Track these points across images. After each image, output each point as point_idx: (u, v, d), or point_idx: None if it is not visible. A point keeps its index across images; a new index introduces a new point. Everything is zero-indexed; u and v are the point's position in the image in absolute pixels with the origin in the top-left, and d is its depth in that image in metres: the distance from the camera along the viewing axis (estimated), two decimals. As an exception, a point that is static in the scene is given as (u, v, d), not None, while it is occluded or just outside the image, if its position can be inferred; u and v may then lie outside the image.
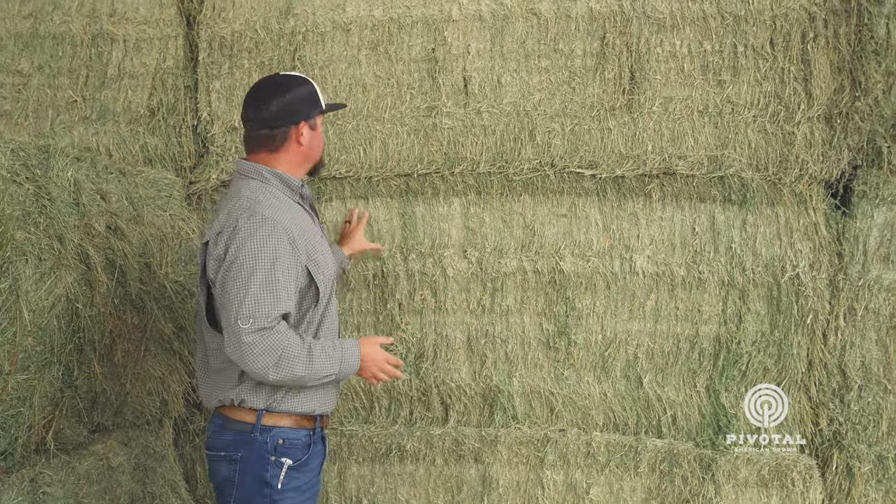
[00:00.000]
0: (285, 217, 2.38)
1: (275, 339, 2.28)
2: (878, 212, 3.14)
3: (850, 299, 3.15)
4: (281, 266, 2.31)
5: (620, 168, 3.26)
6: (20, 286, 2.47)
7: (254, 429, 2.38)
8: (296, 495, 2.40)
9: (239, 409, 2.42)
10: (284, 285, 2.31)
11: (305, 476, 2.43)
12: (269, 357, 2.28)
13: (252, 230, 2.31)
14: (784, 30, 3.16)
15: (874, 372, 3.15)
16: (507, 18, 3.31)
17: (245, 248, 2.30)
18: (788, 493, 3.11)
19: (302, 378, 2.34)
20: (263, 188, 2.44)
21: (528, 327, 3.32)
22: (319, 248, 2.46)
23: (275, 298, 2.29)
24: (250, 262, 2.29)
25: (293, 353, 2.30)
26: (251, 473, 2.38)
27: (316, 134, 2.51)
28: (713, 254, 3.22)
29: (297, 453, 2.40)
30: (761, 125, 3.20)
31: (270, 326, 2.28)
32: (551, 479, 3.23)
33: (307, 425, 2.44)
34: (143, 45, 3.52)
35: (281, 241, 2.32)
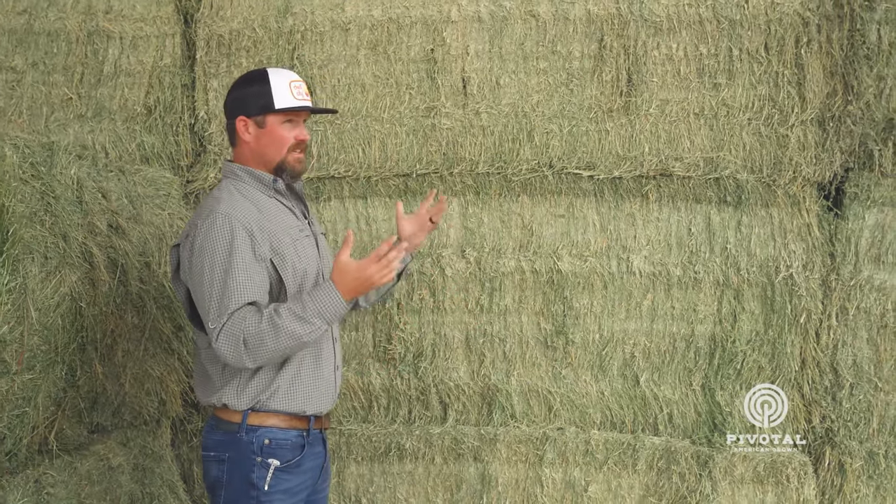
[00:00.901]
0: (245, 210, 2.34)
1: (231, 329, 2.24)
2: (870, 213, 3.20)
3: (842, 299, 3.20)
4: (237, 259, 2.28)
5: (618, 169, 3.29)
6: (27, 285, 2.45)
7: (239, 429, 2.34)
8: (285, 497, 2.33)
9: (228, 409, 2.38)
10: (244, 277, 2.27)
11: (298, 478, 2.37)
12: (237, 347, 2.24)
13: (207, 230, 2.30)
14: (778, 34, 3.21)
15: (865, 370, 3.21)
16: (505, 20, 3.33)
17: (203, 250, 2.29)
18: (783, 490, 3.16)
19: (280, 349, 2.25)
20: (234, 185, 2.43)
21: (525, 327, 3.34)
22: (291, 243, 2.38)
23: (231, 292, 2.26)
24: (208, 263, 2.28)
25: (254, 333, 2.23)
26: (238, 474, 2.33)
27: (265, 133, 2.41)
28: (709, 254, 3.26)
29: (286, 454, 2.34)
30: (756, 128, 3.25)
31: (227, 320, 2.25)
32: (550, 477, 3.26)
33: (298, 425, 2.37)
34: (139, 43, 3.49)
35: (235, 234, 2.29)
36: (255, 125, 2.43)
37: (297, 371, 2.39)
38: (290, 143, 2.42)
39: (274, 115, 2.41)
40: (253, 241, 2.31)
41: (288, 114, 2.42)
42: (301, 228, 2.46)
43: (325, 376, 2.44)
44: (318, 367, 2.42)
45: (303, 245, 2.43)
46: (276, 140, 2.42)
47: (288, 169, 2.45)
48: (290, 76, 2.47)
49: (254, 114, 2.42)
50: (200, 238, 2.31)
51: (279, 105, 2.40)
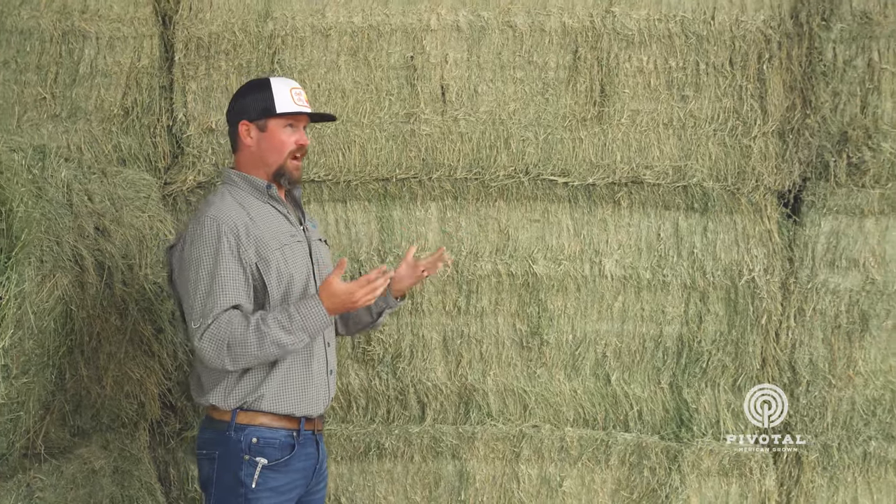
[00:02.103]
0: (234, 214, 2.37)
1: (218, 331, 2.27)
2: (825, 220, 3.36)
3: (799, 301, 3.36)
4: (223, 261, 2.31)
5: (591, 176, 3.38)
6: (25, 289, 2.40)
7: (228, 427, 2.36)
8: (273, 495, 2.35)
9: (218, 408, 2.40)
10: (229, 280, 2.30)
11: (286, 477, 2.38)
12: (220, 350, 2.27)
13: (196, 233, 2.34)
14: (742, 50, 3.35)
15: (820, 368, 3.37)
16: (483, 30, 3.39)
17: (191, 253, 2.33)
18: (746, 481, 3.30)
19: (263, 356, 2.30)
20: (229, 190, 2.46)
21: (502, 328, 3.41)
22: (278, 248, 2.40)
23: (217, 295, 2.29)
24: (195, 265, 2.32)
25: (240, 338, 2.27)
26: (227, 472, 2.35)
27: (266, 136, 2.45)
28: (676, 258, 3.38)
29: (275, 453, 2.36)
30: (721, 138, 3.38)
31: (213, 322, 2.28)
32: (526, 474, 3.33)
33: (288, 426, 2.39)
34: (116, 44, 3.43)
35: (221, 236, 2.32)
36: (256, 129, 2.46)
37: (287, 373, 2.40)
38: (290, 148, 2.46)
39: (275, 120, 2.44)
40: (239, 244, 2.33)
41: (288, 119, 2.45)
42: (293, 234, 2.47)
43: (316, 380, 2.45)
44: (309, 371, 2.43)
45: (292, 251, 2.44)
46: (277, 144, 2.45)
47: (287, 174, 2.47)
48: (292, 83, 2.51)
49: (255, 118, 2.45)
50: (189, 241, 2.35)
51: (280, 109, 2.43)
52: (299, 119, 2.48)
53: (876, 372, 3.36)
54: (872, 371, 3.36)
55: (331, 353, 2.53)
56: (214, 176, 3.41)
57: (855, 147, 3.33)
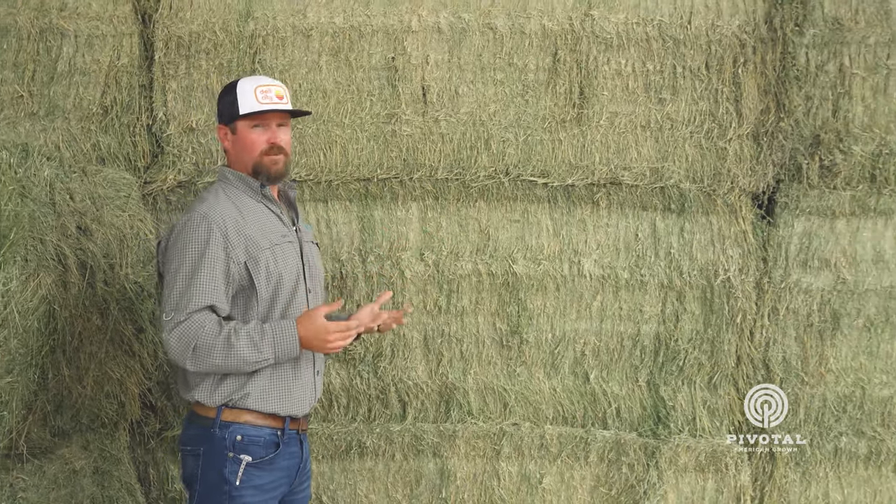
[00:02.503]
0: (225, 212, 2.37)
1: (187, 330, 2.27)
2: (798, 221, 3.42)
3: (773, 300, 3.42)
4: (207, 260, 2.31)
5: (570, 177, 3.41)
6: (10, 288, 2.38)
7: (213, 424, 2.35)
8: (256, 493, 2.35)
9: (204, 405, 2.39)
10: (209, 279, 2.30)
11: (271, 475, 2.38)
12: (185, 349, 2.27)
13: (182, 227, 2.35)
14: (718, 54, 3.40)
15: (793, 366, 3.43)
16: (464, 32, 3.40)
17: (176, 246, 2.35)
18: (722, 476, 3.35)
19: (225, 367, 2.30)
20: (223, 188, 2.47)
21: (482, 327, 3.42)
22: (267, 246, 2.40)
23: (195, 292, 2.29)
24: (178, 258, 2.33)
25: (208, 343, 2.27)
26: (211, 469, 2.34)
27: (238, 138, 2.47)
28: (654, 258, 3.42)
29: (259, 451, 2.36)
30: (697, 141, 3.43)
31: (186, 319, 2.28)
32: (506, 471, 3.35)
33: (273, 424, 2.39)
34: (95, 42, 3.39)
35: (210, 234, 2.32)
36: (230, 132, 2.49)
37: (274, 372, 2.39)
38: (261, 147, 2.45)
39: (242, 121, 2.45)
40: (227, 243, 2.33)
41: (255, 119, 2.45)
42: (284, 234, 2.47)
43: (303, 380, 2.45)
44: (296, 371, 2.43)
45: (282, 250, 2.44)
46: (247, 145, 2.46)
47: (263, 172, 2.47)
48: (260, 81, 2.49)
49: (226, 122, 2.48)
50: (175, 235, 2.36)
51: (243, 111, 2.44)
52: (267, 117, 2.47)
53: (846, 369, 3.43)
54: (843, 368, 3.43)
55: (319, 353, 2.52)
56: (195, 175, 3.39)
57: (827, 150, 3.40)
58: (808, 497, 3.42)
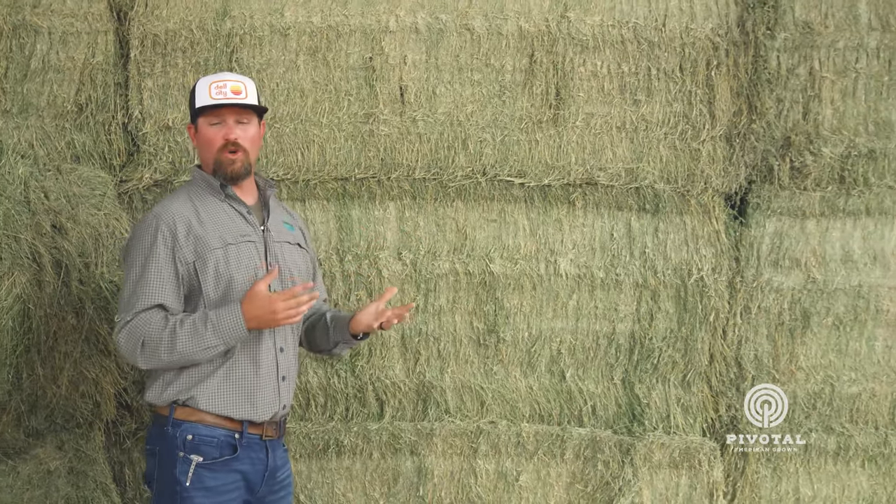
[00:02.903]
0: (179, 212, 2.35)
1: (135, 328, 2.26)
2: (770, 222, 3.45)
3: (745, 299, 3.44)
4: (154, 258, 2.29)
5: (547, 177, 3.41)
6: (-15, 287, 2.33)
7: (167, 422, 2.32)
8: (207, 495, 2.28)
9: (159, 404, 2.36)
10: (156, 278, 2.29)
11: (225, 477, 2.31)
12: (134, 346, 2.25)
13: (136, 227, 2.36)
14: (691, 56, 3.41)
15: (765, 364, 3.45)
16: (442, 32, 3.39)
17: (128, 246, 2.36)
18: (696, 473, 3.37)
19: (172, 361, 2.27)
20: (187, 187, 2.48)
21: (459, 326, 3.41)
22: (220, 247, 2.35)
23: (142, 291, 2.28)
24: (129, 259, 2.33)
25: (154, 339, 2.24)
26: (165, 468, 2.30)
27: (200, 136, 2.45)
28: (629, 258, 3.43)
29: (211, 451, 2.30)
30: (671, 142, 3.44)
31: (133, 318, 2.27)
32: (483, 469, 3.34)
33: (230, 426, 2.33)
34: (69, 39, 3.33)
35: (158, 234, 2.30)
36: (196, 131, 2.47)
37: (228, 375, 2.34)
38: (218, 144, 2.41)
39: (202, 118, 2.43)
40: (175, 243, 2.31)
41: (210, 115, 2.42)
42: (244, 234, 2.41)
43: (263, 385, 2.37)
44: (256, 375, 2.36)
45: (237, 251, 2.38)
46: (206, 142, 2.44)
47: (221, 170, 2.42)
48: (216, 78, 2.46)
49: (191, 121, 2.48)
50: (130, 235, 2.39)
51: (197, 105, 2.43)
52: (223, 113, 2.42)
53: (816, 367, 3.47)
54: (813, 366, 3.46)
55: (284, 358, 2.44)
56: (171, 174, 3.34)
57: (797, 152, 3.43)
58: (778, 492, 3.45)
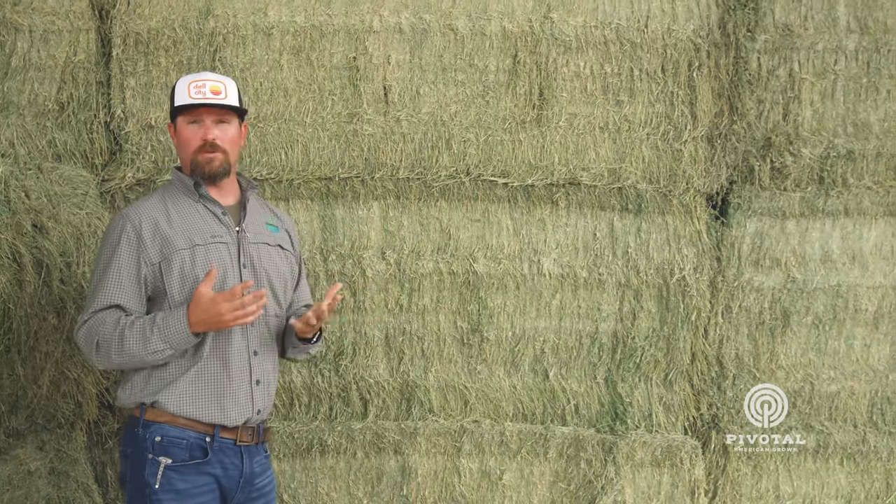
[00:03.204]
0: (148, 212, 2.34)
1: (90, 327, 2.26)
2: (750, 222, 3.46)
3: (726, 298, 3.45)
4: (117, 258, 2.28)
5: (530, 177, 3.40)
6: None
7: (137, 423, 2.29)
8: (177, 497, 2.24)
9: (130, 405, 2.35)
10: (115, 278, 2.27)
11: (195, 480, 2.27)
12: (90, 347, 2.25)
13: (106, 227, 2.39)
14: (673, 58, 3.42)
15: (746, 362, 3.47)
16: (425, 32, 3.37)
17: (100, 246, 2.37)
18: (677, 471, 3.37)
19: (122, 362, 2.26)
20: (164, 187, 2.48)
21: (443, 325, 3.40)
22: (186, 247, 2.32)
23: (101, 292, 2.27)
24: (97, 259, 2.34)
25: (106, 338, 2.23)
26: (136, 470, 2.27)
27: (178, 135, 2.44)
28: (611, 257, 3.43)
29: (180, 453, 2.26)
30: (654, 142, 3.44)
31: (91, 317, 2.27)
32: (467, 468, 3.33)
33: (201, 429, 2.29)
34: (51, 37, 3.28)
35: (123, 235, 2.30)
36: (174, 129, 2.45)
37: (197, 378, 2.30)
38: (195, 144, 2.39)
39: (180, 118, 2.41)
40: (140, 243, 2.29)
41: (189, 115, 2.39)
42: (216, 234, 2.37)
43: (234, 389, 2.33)
44: (226, 380, 2.33)
45: (205, 252, 2.34)
46: (183, 141, 2.42)
47: (198, 170, 2.40)
48: (196, 77, 2.44)
49: (170, 120, 2.46)
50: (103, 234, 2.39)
51: (176, 104, 2.41)
52: (200, 113, 2.39)
53: (796, 365, 3.48)
54: (793, 365, 3.48)
55: (258, 362, 2.39)
56: (154, 173, 3.30)
57: (777, 152, 3.44)
58: (759, 490, 3.46)
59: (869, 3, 3.47)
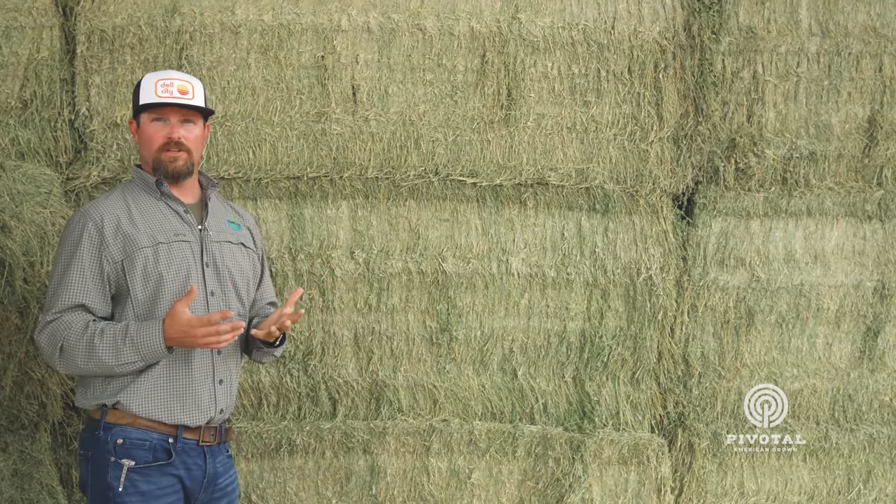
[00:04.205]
0: (109, 209, 2.30)
1: (55, 330, 2.21)
2: (715, 222, 3.49)
3: (692, 298, 3.48)
4: (78, 257, 2.24)
5: (498, 177, 3.40)
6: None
7: (98, 426, 2.25)
8: (142, 499, 2.21)
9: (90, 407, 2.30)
10: (78, 277, 2.23)
11: (159, 481, 2.24)
12: (54, 350, 2.20)
13: (66, 225, 2.31)
14: (640, 59, 3.43)
15: (711, 361, 3.49)
16: (394, 32, 3.36)
17: (59, 244, 2.32)
18: (644, 468, 3.39)
19: (87, 370, 2.21)
20: (124, 185, 2.45)
21: (412, 324, 3.39)
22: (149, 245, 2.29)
23: (65, 291, 2.23)
24: (56, 257, 2.29)
25: (72, 345, 2.19)
26: (98, 473, 2.24)
27: (141, 132, 2.40)
28: (579, 257, 3.44)
29: (144, 455, 2.23)
30: (621, 143, 3.46)
31: (54, 319, 2.22)
32: (436, 467, 3.32)
33: (164, 430, 2.26)
34: (13, 34, 3.22)
35: (84, 233, 2.25)
36: (137, 126, 2.42)
37: (159, 378, 2.27)
38: (159, 143, 2.36)
39: (144, 115, 2.38)
40: (102, 241, 2.26)
41: (154, 112, 2.37)
42: (178, 233, 2.35)
43: (196, 389, 2.31)
44: (188, 379, 2.30)
45: (168, 250, 2.31)
46: (146, 139, 2.39)
47: (161, 168, 2.37)
48: (162, 75, 2.40)
49: (132, 116, 2.43)
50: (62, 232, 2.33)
51: (141, 102, 2.38)
52: (166, 112, 2.37)
53: (760, 364, 3.52)
54: (757, 363, 3.51)
55: (222, 361, 2.36)
56: (119, 172, 3.25)
57: (742, 153, 3.47)
58: (724, 486, 3.49)
59: (830, 6, 3.51)
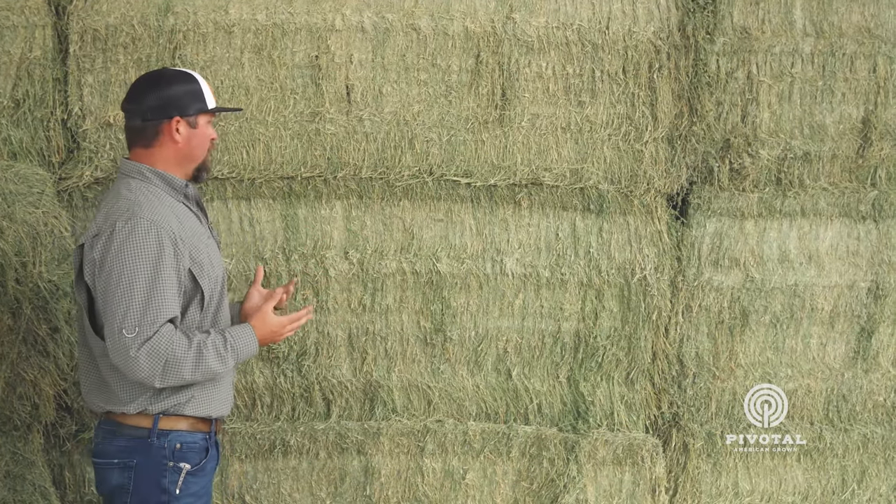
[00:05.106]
0: (168, 218, 2.25)
1: (159, 345, 2.16)
2: (710, 222, 3.49)
3: (687, 298, 3.48)
4: (163, 270, 2.19)
5: (493, 177, 3.40)
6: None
7: (150, 434, 2.25)
8: (194, 500, 2.29)
9: (133, 415, 2.27)
10: (168, 290, 2.19)
11: (202, 481, 2.32)
12: (155, 365, 2.17)
13: (129, 234, 2.18)
14: (634, 59, 3.43)
15: (705, 361, 3.50)
16: (388, 31, 3.35)
17: (123, 254, 2.17)
18: (639, 469, 3.39)
19: (192, 379, 2.24)
20: (145, 188, 2.30)
21: (406, 325, 3.38)
22: (205, 250, 2.33)
23: (158, 305, 2.17)
24: (130, 269, 2.17)
25: (179, 358, 2.18)
26: (147, 480, 2.24)
27: (196, 133, 2.35)
28: (574, 257, 3.44)
29: (195, 457, 2.29)
30: (615, 143, 3.46)
31: (154, 334, 2.17)
32: (430, 467, 3.32)
33: (203, 429, 2.32)
34: (5, 33, 3.20)
35: (162, 243, 2.20)
36: (187, 125, 2.34)
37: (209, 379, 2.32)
38: (210, 144, 2.41)
39: (204, 116, 2.37)
40: (176, 250, 2.23)
41: (210, 116, 2.40)
42: (205, 234, 2.40)
43: (228, 381, 2.41)
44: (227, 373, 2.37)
45: (213, 251, 2.38)
46: (204, 140, 2.38)
47: (205, 169, 2.41)
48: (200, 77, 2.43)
49: (191, 114, 2.34)
50: (120, 241, 2.18)
51: (211, 105, 2.37)
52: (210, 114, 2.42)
53: (754, 364, 3.52)
54: (751, 363, 3.52)
55: None
56: (112, 171, 3.24)
57: (736, 154, 3.48)
58: (718, 487, 3.50)
59: (824, 6, 3.52)
